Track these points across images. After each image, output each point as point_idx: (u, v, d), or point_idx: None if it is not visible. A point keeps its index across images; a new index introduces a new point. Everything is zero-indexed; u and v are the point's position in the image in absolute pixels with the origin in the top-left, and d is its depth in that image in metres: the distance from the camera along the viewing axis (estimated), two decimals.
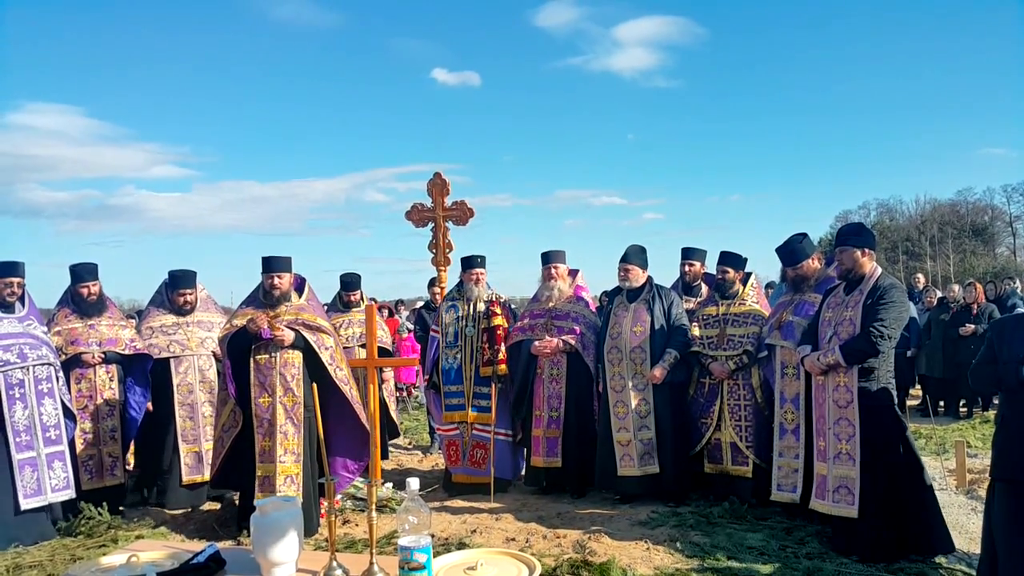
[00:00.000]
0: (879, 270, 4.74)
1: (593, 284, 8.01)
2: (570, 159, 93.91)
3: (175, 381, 6.35)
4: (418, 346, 9.32)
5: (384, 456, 7.93)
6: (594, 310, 6.72)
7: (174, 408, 6.32)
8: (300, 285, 5.71)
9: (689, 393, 6.22)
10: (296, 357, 5.42)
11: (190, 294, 6.58)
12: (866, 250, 4.72)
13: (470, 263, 6.83)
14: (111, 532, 5.49)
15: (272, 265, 5.55)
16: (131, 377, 6.29)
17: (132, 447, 6.73)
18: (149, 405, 6.39)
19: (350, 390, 5.55)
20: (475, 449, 6.65)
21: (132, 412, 6.27)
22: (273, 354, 5.37)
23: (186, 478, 6.31)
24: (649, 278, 6.37)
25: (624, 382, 6.11)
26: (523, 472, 6.80)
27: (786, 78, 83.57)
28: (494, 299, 6.76)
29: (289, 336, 5.34)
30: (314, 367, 5.45)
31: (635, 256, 6.34)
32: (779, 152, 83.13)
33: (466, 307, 6.77)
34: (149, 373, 6.36)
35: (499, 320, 6.57)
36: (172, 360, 6.37)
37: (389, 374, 8.04)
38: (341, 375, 5.52)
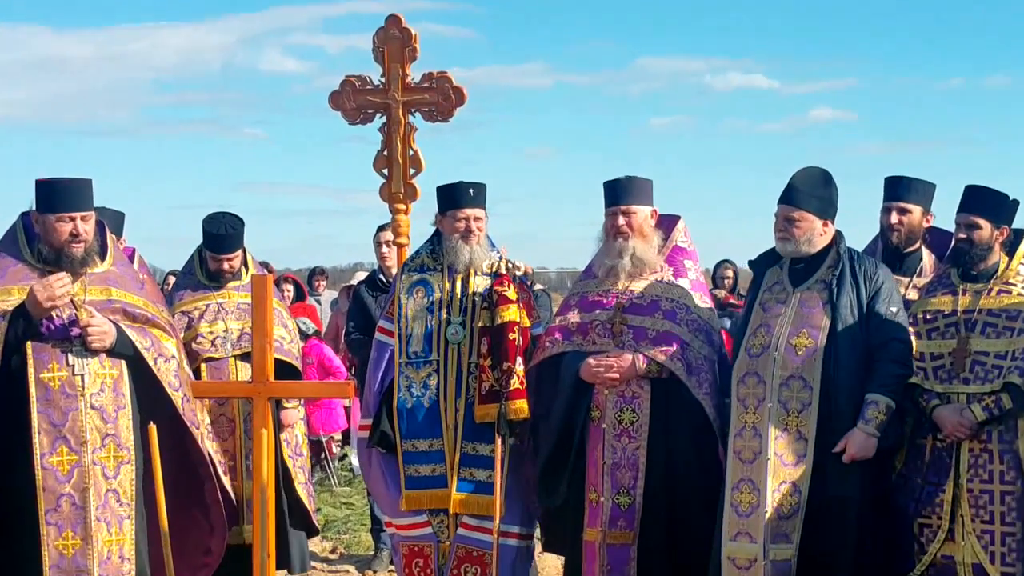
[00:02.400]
0: None
1: (704, 247, 5.12)
2: (664, 2, 59.75)
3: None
4: (336, 364, 7.07)
5: (295, 569, 5.12)
6: (708, 296, 4.52)
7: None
8: (100, 233, 4.17)
9: (895, 467, 4.11)
10: (119, 373, 4.08)
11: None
12: None
13: (454, 196, 4.50)
14: None
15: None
16: None
17: None
18: None
19: (202, 436, 4.25)
20: (463, 565, 4.39)
21: None
22: (78, 368, 4.01)
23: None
24: (836, 236, 4.09)
25: (763, 441, 3.92)
26: None
27: None
28: (503, 271, 4.41)
29: (109, 334, 3.97)
30: (145, 392, 4.14)
31: (811, 190, 4.01)
32: None
33: (447, 284, 4.46)
34: None
35: (511, 312, 4.23)
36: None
37: (297, 414, 5.32)
38: (189, 408, 4.21)
